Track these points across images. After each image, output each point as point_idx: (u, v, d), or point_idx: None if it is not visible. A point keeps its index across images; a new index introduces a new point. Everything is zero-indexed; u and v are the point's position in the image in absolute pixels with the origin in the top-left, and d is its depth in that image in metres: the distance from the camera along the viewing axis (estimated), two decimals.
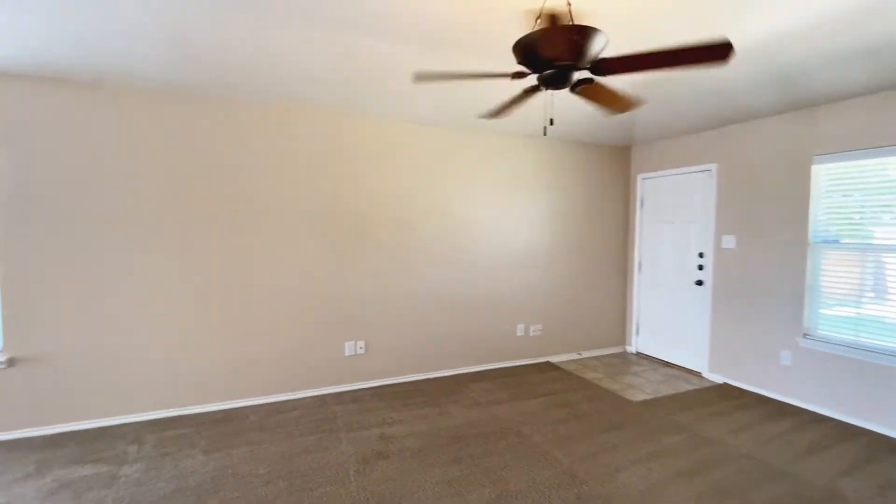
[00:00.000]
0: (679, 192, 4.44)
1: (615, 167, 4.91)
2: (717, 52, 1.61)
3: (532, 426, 3.08)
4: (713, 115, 3.79)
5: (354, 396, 3.60)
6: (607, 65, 1.83)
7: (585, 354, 4.85)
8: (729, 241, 3.96)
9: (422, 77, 2.05)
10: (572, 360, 4.67)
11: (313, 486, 2.36)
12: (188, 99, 3.18)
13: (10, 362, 2.85)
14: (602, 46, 1.75)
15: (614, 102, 2.24)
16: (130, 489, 2.31)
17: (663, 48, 1.69)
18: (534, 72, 1.94)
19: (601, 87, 2.08)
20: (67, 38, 2.45)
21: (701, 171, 4.21)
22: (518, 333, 4.51)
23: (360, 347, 3.79)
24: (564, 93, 3.19)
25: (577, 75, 1.94)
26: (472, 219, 4.19)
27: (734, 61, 2.77)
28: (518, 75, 1.99)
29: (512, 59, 2.45)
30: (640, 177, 4.86)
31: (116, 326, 3.07)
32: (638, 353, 4.93)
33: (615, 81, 3.08)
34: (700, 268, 4.21)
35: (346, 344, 3.75)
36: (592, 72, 1.89)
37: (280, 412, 3.29)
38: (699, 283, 4.21)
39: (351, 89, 3.22)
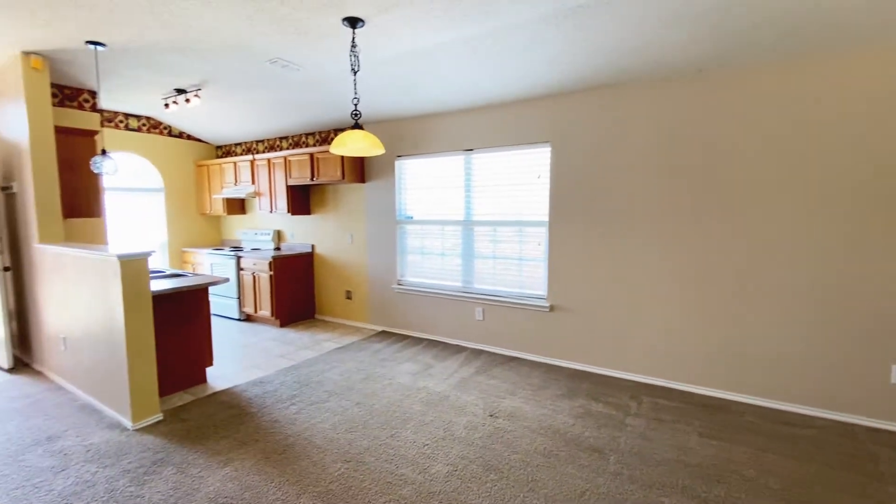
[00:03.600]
0: None
1: None
2: None
3: None
4: None
5: None
6: None
7: None
8: None
9: None
10: None
11: None
12: (682, 81, 3.13)
13: (551, 308, 3.88)
14: None
15: None
16: (636, 440, 2.61)
17: None
18: None
19: None
20: (602, 56, 2.93)
21: None
22: None
23: None
24: None
25: None
26: None
27: None
28: None
29: None
30: None
31: (622, 294, 3.55)
32: None
33: None
34: None
35: (895, 367, 2.69)
36: None
37: (783, 422, 2.79)
38: None
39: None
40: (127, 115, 5.48)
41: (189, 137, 6.20)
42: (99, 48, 3.25)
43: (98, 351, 2.98)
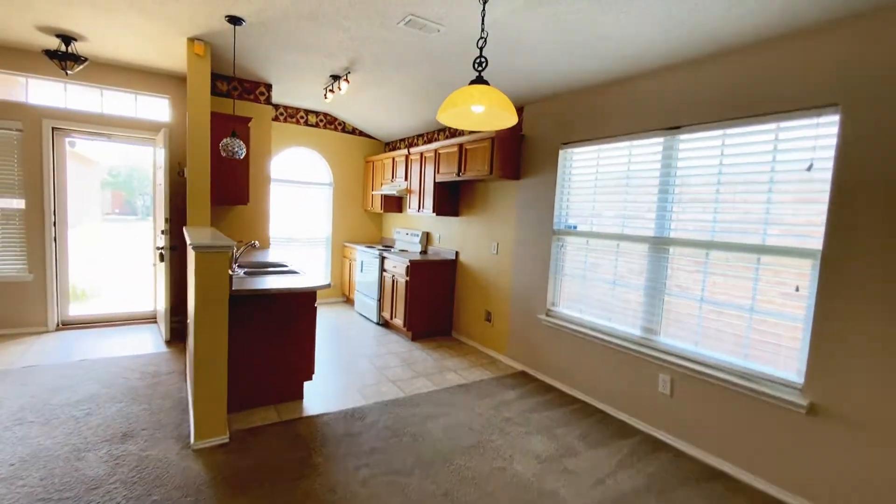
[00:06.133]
0: None
1: None
2: None
3: None
4: None
5: None
6: None
7: None
8: None
9: None
10: None
11: None
12: None
13: (811, 408, 2.13)
14: None
15: None
16: None
17: None
18: None
19: None
20: None
21: None
22: None
23: None
24: None
25: None
26: None
27: None
28: None
29: None
30: None
31: None
32: None
33: None
34: None
35: None
36: None
37: None
38: None
39: None
40: (307, 112, 5.70)
41: (360, 133, 6.20)
42: (239, 26, 3.06)
43: (192, 345, 2.73)
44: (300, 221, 6.01)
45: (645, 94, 2.91)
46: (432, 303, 4.67)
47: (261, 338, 2.85)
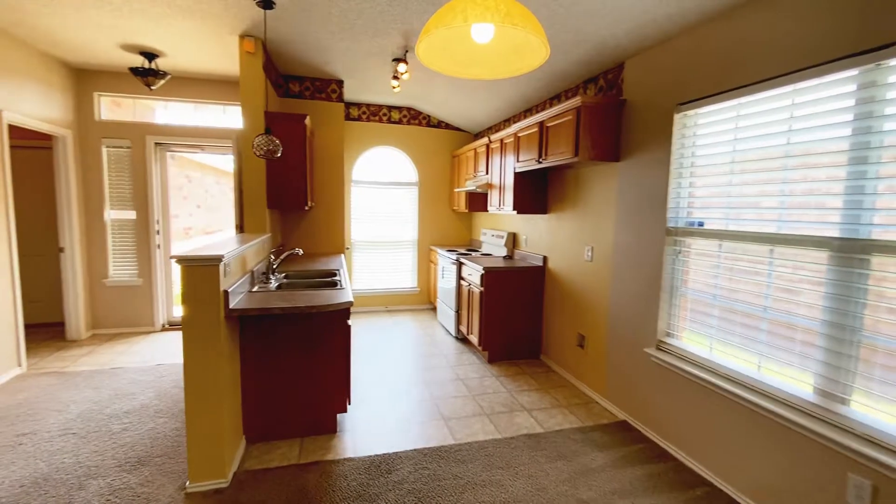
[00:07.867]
0: None
1: None
2: None
3: None
4: None
5: None
6: None
7: None
8: None
9: None
10: None
11: None
12: None
13: None
14: None
15: None
16: None
17: None
18: None
19: None
20: None
21: None
22: None
23: None
24: None
25: None
26: None
27: None
28: None
29: None
30: None
31: None
32: None
33: None
34: None
35: None
36: None
37: None
38: None
39: None
40: (390, 108, 5.38)
41: (447, 126, 5.68)
42: (271, 10, 2.74)
43: None
44: (386, 225, 5.73)
45: (814, 2, 1.76)
46: (513, 319, 3.88)
47: (282, 361, 2.47)
